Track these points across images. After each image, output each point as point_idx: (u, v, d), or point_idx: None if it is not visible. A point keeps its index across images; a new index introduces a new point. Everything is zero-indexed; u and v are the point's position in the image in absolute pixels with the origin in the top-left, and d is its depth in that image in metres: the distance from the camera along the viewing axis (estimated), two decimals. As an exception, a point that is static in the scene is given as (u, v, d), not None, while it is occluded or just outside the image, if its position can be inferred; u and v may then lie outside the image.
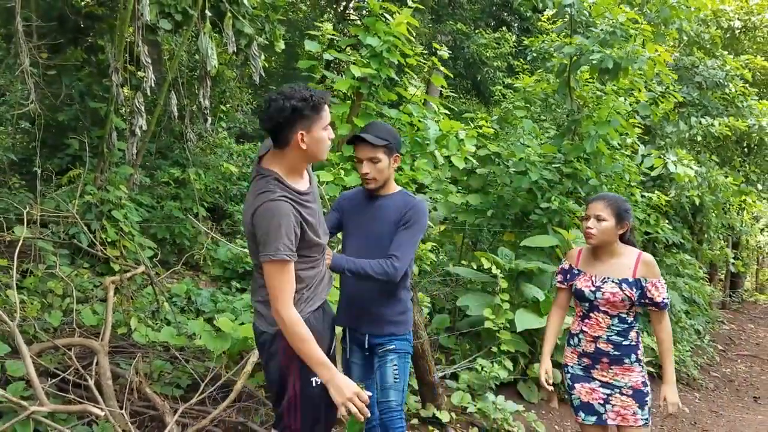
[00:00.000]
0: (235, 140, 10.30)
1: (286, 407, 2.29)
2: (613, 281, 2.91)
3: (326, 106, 2.26)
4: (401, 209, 2.75)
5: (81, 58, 6.48)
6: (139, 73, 5.97)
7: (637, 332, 2.97)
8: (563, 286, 3.16)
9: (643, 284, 2.88)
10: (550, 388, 3.16)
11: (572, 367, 3.09)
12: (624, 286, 2.88)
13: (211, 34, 5.79)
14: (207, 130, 6.93)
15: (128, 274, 4.51)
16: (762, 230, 19.70)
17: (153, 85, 5.67)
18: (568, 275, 3.14)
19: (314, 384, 2.28)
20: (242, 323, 4.17)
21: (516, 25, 16.71)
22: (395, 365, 2.82)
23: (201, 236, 7.03)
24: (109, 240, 5.58)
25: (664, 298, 2.88)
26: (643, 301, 2.90)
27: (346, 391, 2.14)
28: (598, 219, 2.93)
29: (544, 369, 3.15)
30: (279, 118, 2.14)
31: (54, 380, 3.54)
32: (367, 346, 2.87)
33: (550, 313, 3.25)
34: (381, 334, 2.83)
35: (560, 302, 3.22)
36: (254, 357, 3.55)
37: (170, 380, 4.11)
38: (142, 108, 5.79)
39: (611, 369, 2.96)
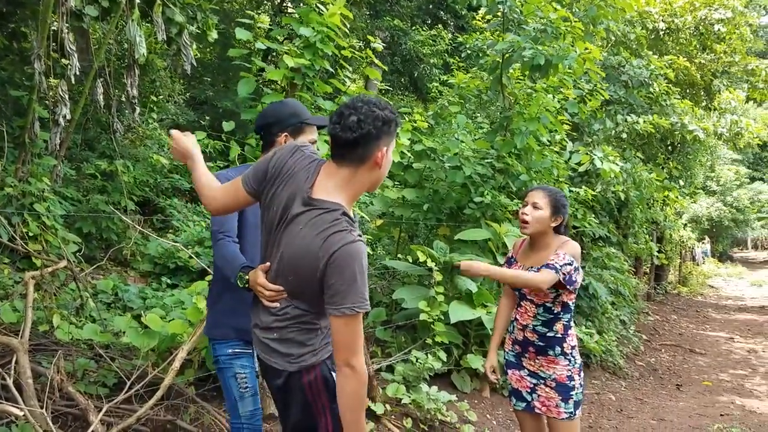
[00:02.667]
0: (167, 132, 10.02)
1: None
2: (535, 270, 2.99)
3: None
4: None
5: (2, 44, 6.18)
6: (63, 60, 5.73)
7: (564, 325, 3.00)
8: None
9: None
10: (495, 379, 3.22)
11: (507, 353, 3.18)
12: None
13: (140, 21, 5.61)
14: (136, 121, 6.71)
15: (49, 269, 4.32)
16: (684, 225, 20.68)
17: (78, 73, 5.45)
18: (509, 264, 3.21)
19: None
20: (172, 320, 4.07)
21: (452, 23, 16.92)
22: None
23: (130, 231, 6.81)
24: (30, 234, 5.33)
25: (555, 262, 2.85)
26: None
27: None
28: (535, 207, 2.99)
29: (490, 364, 3.20)
30: (372, 126, 1.90)
31: (-32, 380, 3.36)
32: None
33: (499, 303, 3.31)
34: None
35: (506, 291, 3.29)
36: (182, 353, 3.47)
37: (95, 379, 3.98)
38: (67, 97, 5.55)
39: (537, 359, 3.03)
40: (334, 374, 2.06)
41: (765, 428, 5.51)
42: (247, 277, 2.20)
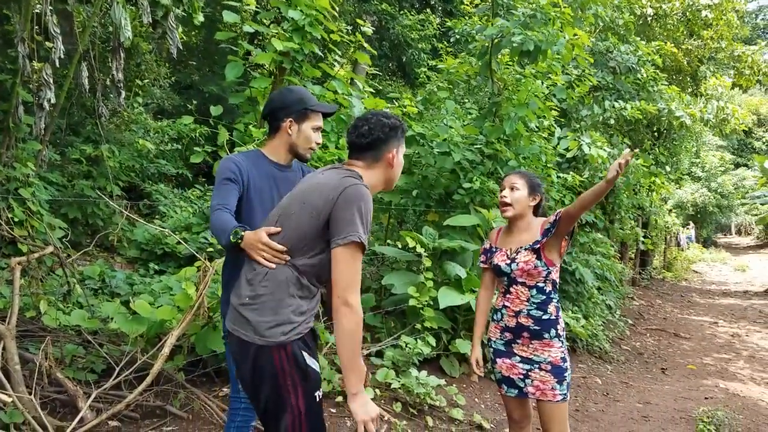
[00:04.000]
0: (153, 116, 9.92)
1: (290, 426, 2.10)
2: (525, 249, 3.00)
3: None
4: None
5: (-16, 27, 6.07)
6: (47, 43, 5.64)
7: (556, 306, 3.04)
8: (486, 266, 3.23)
9: (546, 228, 2.95)
10: (480, 372, 3.23)
11: (495, 342, 3.16)
12: (536, 246, 2.97)
13: (125, 4, 5.53)
14: (121, 105, 6.63)
15: (35, 255, 4.28)
16: (670, 211, 20.85)
17: (62, 56, 5.36)
18: (488, 254, 3.21)
19: (317, 399, 2.17)
20: (160, 306, 4.05)
21: (440, 7, 16.83)
22: None
23: (116, 216, 6.76)
24: (16, 220, 5.28)
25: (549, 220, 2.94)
26: (552, 229, 2.91)
27: (372, 410, 2.10)
28: (512, 188, 3.07)
29: (475, 357, 3.22)
30: (380, 132, 2.25)
31: (-46, 367, 3.34)
32: None
33: (479, 295, 3.32)
34: None
35: (485, 282, 3.29)
36: (172, 339, 3.45)
37: (84, 365, 3.96)
38: (51, 81, 5.47)
39: (532, 344, 3.03)
40: (305, 353, 2.10)
41: (748, 411, 5.60)
42: (242, 233, 2.22)
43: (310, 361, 2.13)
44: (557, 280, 3.07)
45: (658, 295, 14.04)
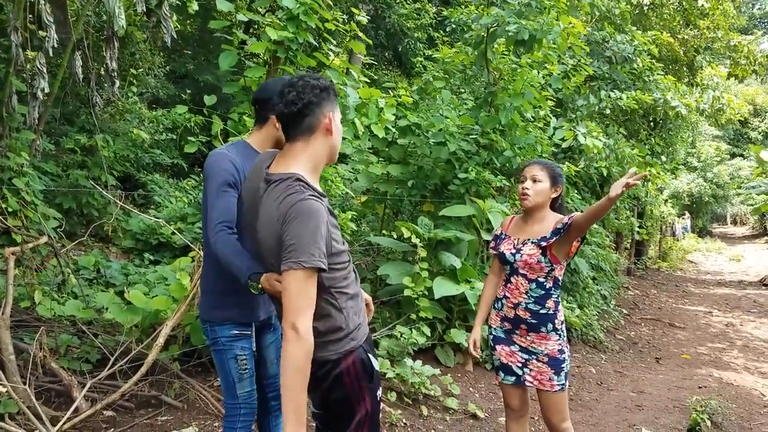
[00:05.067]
0: (147, 106, 9.88)
1: (355, 425, 2.12)
2: (532, 242, 2.99)
3: None
4: None
5: (-24, 16, 6.02)
6: (40, 32, 5.60)
7: (555, 301, 3.03)
8: (495, 252, 3.23)
9: (557, 227, 2.93)
10: (477, 354, 3.24)
11: (495, 329, 3.18)
12: (542, 243, 2.95)
13: (119, -8, 5.49)
14: (115, 95, 6.59)
15: (29, 245, 4.27)
16: (666, 201, 20.87)
17: (56, 45, 5.35)
18: (497, 241, 3.21)
19: (379, 398, 2.22)
20: (155, 296, 4.05)
21: (436, -4, 16.76)
22: None
23: (111, 206, 6.74)
24: (10, 210, 5.25)
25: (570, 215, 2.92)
26: (563, 231, 2.90)
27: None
28: (534, 180, 3.01)
29: (473, 339, 3.22)
30: (312, 95, 2.02)
31: (-52, 358, 3.33)
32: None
33: (485, 280, 3.32)
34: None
35: (494, 268, 3.29)
36: (166, 329, 3.46)
37: (78, 355, 3.97)
38: (45, 70, 5.45)
39: (529, 336, 3.05)
40: (370, 356, 2.12)
41: (741, 400, 5.64)
42: (260, 285, 2.17)
43: (375, 362, 2.15)
44: (560, 278, 3.05)
45: (653, 285, 14.08)
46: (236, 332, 2.57)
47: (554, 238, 2.92)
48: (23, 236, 4.71)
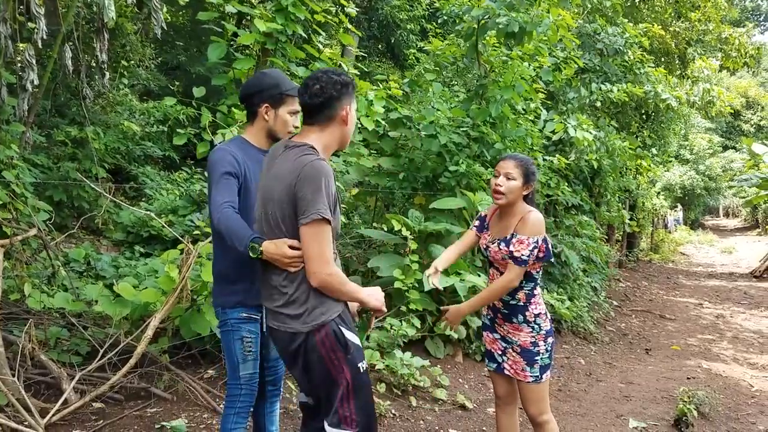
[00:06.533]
0: (139, 98, 9.85)
1: (339, 398, 2.26)
2: (498, 241, 3.02)
3: None
4: None
5: (-37, 6, 5.96)
6: (30, 24, 5.57)
7: (527, 294, 3.04)
8: (473, 230, 3.26)
9: (511, 239, 2.94)
10: (437, 279, 3.17)
11: (484, 316, 3.27)
12: (502, 245, 2.97)
13: (108, -17, 5.46)
14: (106, 87, 6.57)
15: (19, 238, 4.26)
16: (658, 193, 20.97)
17: (45, 37, 5.32)
18: (481, 226, 3.23)
19: (362, 370, 2.31)
20: (145, 288, 4.05)
21: (429, -13, 16.71)
22: None
23: (101, 199, 6.73)
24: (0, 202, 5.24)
25: (522, 255, 2.89)
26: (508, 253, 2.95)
27: (380, 294, 2.36)
28: (508, 177, 2.98)
29: (428, 273, 3.20)
30: (333, 90, 2.24)
31: (-64, 350, 3.33)
32: None
33: (455, 243, 3.34)
34: None
35: (464, 239, 3.30)
36: (155, 322, 3.46)
37: (68, 347, 3.97)
38: (34, 62, 5.43)
39: (505, 325, 3.11)
40: (343, 329, 2.26)
41: (729, 390, 5.70)
42: (260, 248, 2.25)
43: (349, 335, 2.27)
44: (534, 272, 3.04)
45: (645, 277, 14.16)
46: (245, 315, 2.66)
47: (509, 254, 2.95)
48: (13, 229, 4.69)
